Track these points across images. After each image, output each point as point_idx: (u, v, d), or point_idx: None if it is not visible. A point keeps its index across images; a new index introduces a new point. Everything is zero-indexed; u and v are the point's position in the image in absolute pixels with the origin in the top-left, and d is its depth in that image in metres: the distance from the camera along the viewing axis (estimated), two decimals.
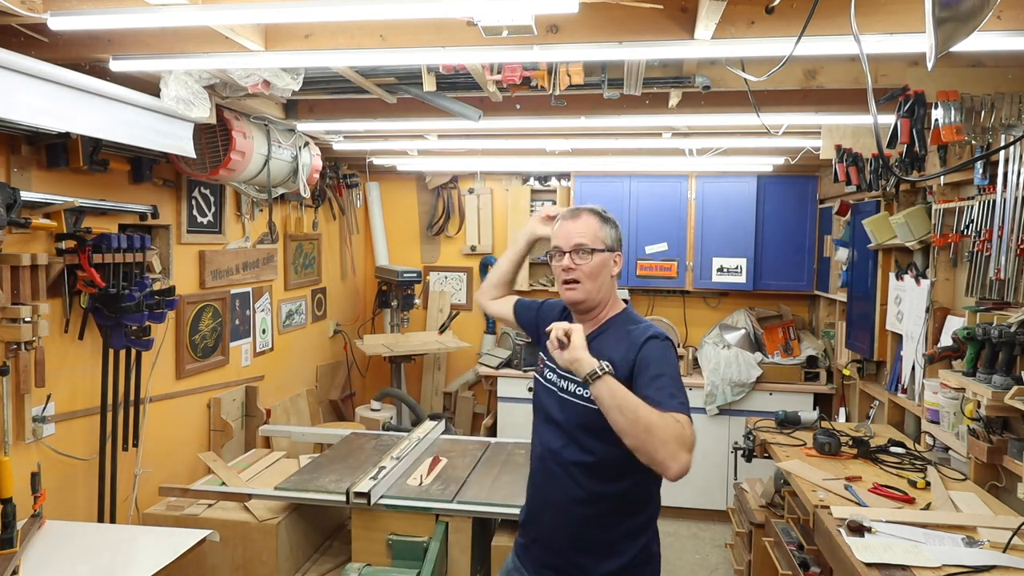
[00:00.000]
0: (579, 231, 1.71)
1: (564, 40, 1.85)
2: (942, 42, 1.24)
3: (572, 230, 1.71)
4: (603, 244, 1.71)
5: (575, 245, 1.69)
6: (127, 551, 2.09)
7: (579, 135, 3.55)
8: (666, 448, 1.38)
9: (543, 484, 1.77)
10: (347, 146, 3.87)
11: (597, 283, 1.70)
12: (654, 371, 1.54)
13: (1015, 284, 2.35)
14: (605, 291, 1.73)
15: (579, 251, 1.69)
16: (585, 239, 1.69)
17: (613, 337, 1.69)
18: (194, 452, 3.29)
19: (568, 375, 1.68)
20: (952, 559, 1.89)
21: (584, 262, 1.68)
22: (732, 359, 4.45)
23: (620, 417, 1.42)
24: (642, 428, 1.40)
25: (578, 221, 1.73)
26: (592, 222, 1.72)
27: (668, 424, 1.40)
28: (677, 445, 1.38)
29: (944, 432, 2.71)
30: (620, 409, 1.42)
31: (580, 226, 1.71)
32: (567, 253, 1.70)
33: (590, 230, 1.71)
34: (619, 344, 1.65)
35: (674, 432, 1.39)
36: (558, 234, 1.74)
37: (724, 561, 3.97)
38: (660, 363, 1.56)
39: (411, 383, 5.21)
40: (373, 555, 2.62)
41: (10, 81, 1.91)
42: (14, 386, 2.28)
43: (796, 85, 2.39)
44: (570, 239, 1.70)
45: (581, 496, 1.66)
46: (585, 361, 1.48)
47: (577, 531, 1.68)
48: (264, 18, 1.83)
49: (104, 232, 2.56)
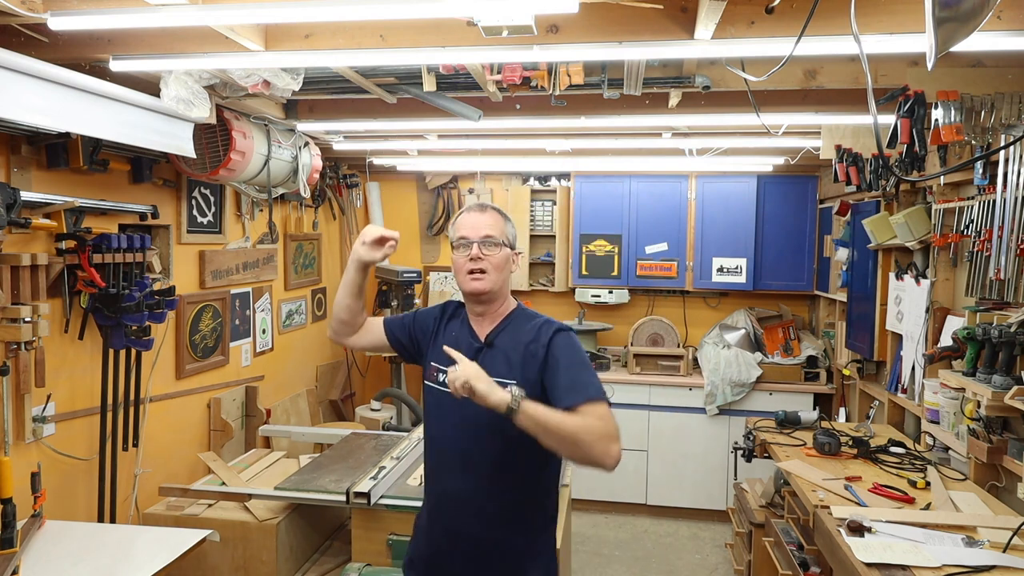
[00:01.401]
0: (488, 223, 1.73)
1: (564, 40, 1.85)
2: (942, 42, 1.24)
3: (481, 222, 1.73)
4: (507, 240, 1.75)
5: (484, 236, 1.71)
6: (127, 551, 2.08)
7: (579, 135, 3.55)
8: (597, 447, 1.46)
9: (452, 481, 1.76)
10: (347, 146, 3.87)
11: (502, 276, 1.72)
12: (566, 362, 1.61)
13: (1015, 284, 2.35)
14: (506, 286, 1.77)
15: (487, 242, 1.71)
16: (494, 232, 1.72)
17: (516, 332, 1.71)
18: (194, 452, 3.29)
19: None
20: (952, 559, 1.89)
21: (491, 253, 1.70)
22: (732, 359, 4.45)
23: (548, 438, 1.47)
24: (571, 441, 1.46)
25: (485, 214, 1.75)
26: (499, 218, 1.76)
27: (592, 426, 1.47)
28: (606, 441, 1.46)
29: (944, 432, 2.71)
30: (546, 431, 1.46)
31: (488, 219, 1.74)
32: (475, 243, 1.70)
33: (497, 224, 1.74)
34: (524, 340, 1.68)
35: (600, 431, 1.47)
36: (465, 224, 1.74)
37: (724, 561, 3.97)
38: (570, 354, 1.63)
39: (411, 383, 5.21)
40: (373, 555, 2.62)
41: (10, 81, 1.91)
42: (14, 386, 2.28)
43: (796, 85, 2.39)
44: (479, 230, 1.71)
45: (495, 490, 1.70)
46: (498, 397, 1.46)
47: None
48: (264, 18, 1.83)
49: (104, 232, 2.56)
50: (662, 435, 4.53)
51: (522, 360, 1.65)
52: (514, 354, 1.67)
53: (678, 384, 4.53)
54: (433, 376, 1.77)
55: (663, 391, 4.53)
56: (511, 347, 1.69)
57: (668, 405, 4.52)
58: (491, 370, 1.61)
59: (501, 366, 1.67)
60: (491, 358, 1.69)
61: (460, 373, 1.49)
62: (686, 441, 4.50)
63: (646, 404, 4.53)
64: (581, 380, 1.58)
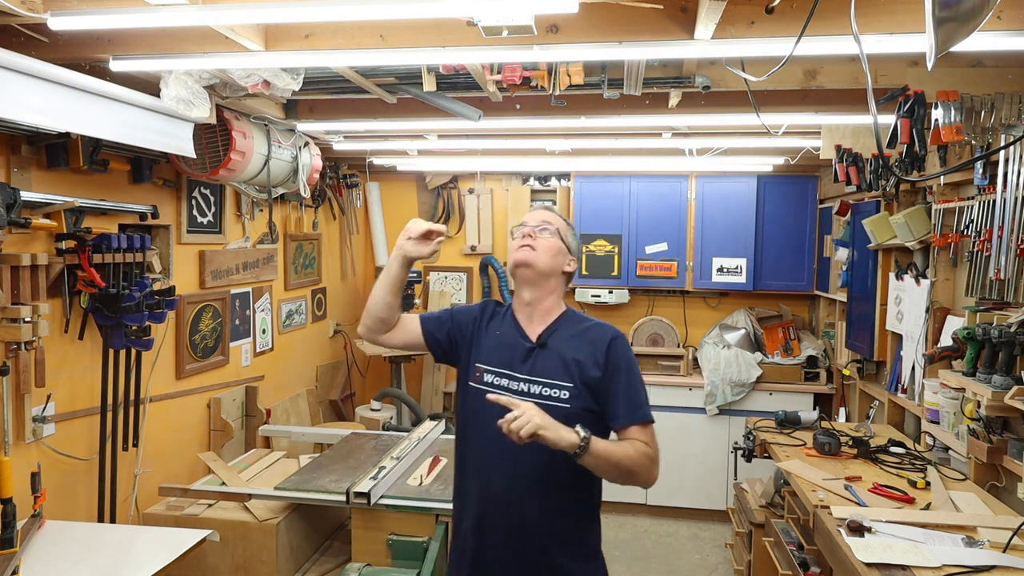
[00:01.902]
0: (548, 218, 1.77)
1: (564, 40, 1.85)
2: (942, 42, 1.24)
3: (542, 215, 1.78)
4: (565, 238, 1.76)
5: (542, 221, 1.75)
6: (127, 551, 2.08)
7: (579, 135, 3.55)
8: (642, 477, 1.56)
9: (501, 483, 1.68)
10: (347, 146, 3.87)
11: (549, 261, 1.72)
12: (626, 375, 1.63)
13: (1015, 284, 2.35)
14: (553, 280, 1.74)
15: (542, 227, 1.74)
16: (553, 223, 1.76)
17: (569, 333, 1.70)
18: (194, 452, 3.29)
19: (537, 379, 1.64)
20: (952, 559, 1.89)
21: (544, 237, 1.73)
22: (732, 359, 4.45)
23: (608, 471, 1.53)
24: (626, 472, 1.53)
25: (549, 213, 1.80)
26: (562, 222, 1.79)
27: (645, 456, 1.55)
28: (653, 468, 1.58)
29: (944, 432, 2.71)
30: (607, 464, 1.51)
31: (550, 216, 1.78)
32: (530, 226, 1.74)
33: (558, 222, 1.78)
34: (580, 343, 1.67)
35: (646, 461, 1.56)
36: (528, 216, 1.80)
37: (724, 561, 3.97)
38: (629, 365, 1.65)
39: (411, 383, 5.21)
40: (373, 555, 2.61)
41: (10, 81, 1.91)
42: (14, 386, 2.28)
43: (796, 85, 2.39)
44: (538, 217, 1.77)
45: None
46: (566, 441, 1.44)
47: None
48: (264, 18, 1.83)
49: (104, 232, 2.56)
50: (662, 435, 4.39)
51: (578, 363, 1.63)
52: (569, 357, 1.64)
53: (678, 384, 4.53)
54: (478, 378, 1.71)
55: (663, 391, 4.52)
56: (565, 349, 1.66)
57: (668, 405, 4.52)
58: (546, 372, 1.63)
59: (555, 368, 1.64)
60: (545, 359, 1.66)
61: (523, 421, 1.41)
62: (686, 441, 4.50)
63: None
64: (638, 398, 1.62)
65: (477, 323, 1.79)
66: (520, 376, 1.66)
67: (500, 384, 1.68)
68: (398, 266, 1.77)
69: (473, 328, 1.79)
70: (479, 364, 1.72)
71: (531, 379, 1.65)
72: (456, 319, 1.83)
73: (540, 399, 1.61)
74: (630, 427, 1.58)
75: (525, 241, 1.72)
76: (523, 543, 1.63)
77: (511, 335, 1.73)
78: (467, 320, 1.81)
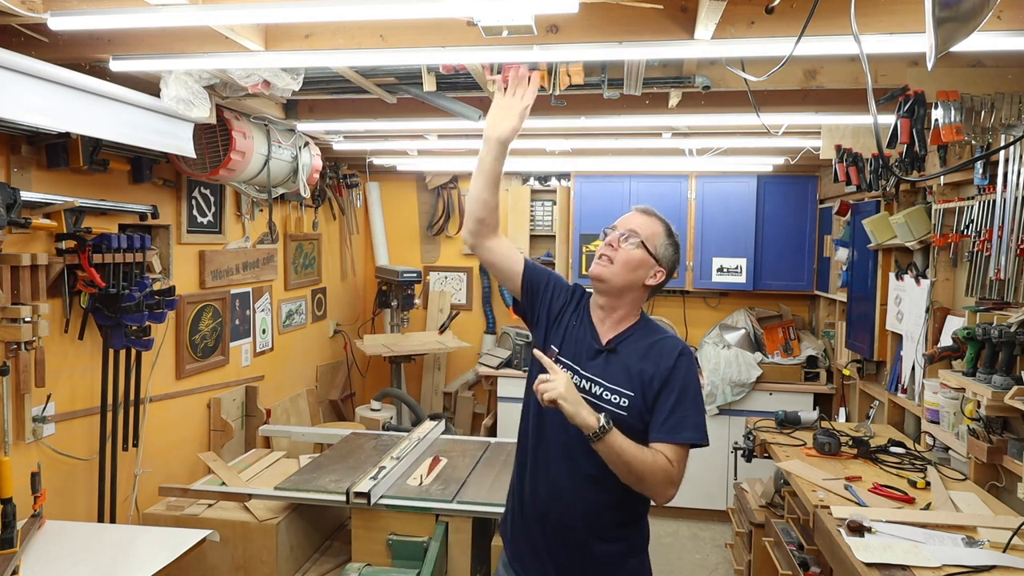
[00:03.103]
0: (640, 223, 1.68)
1: (564, 40, 1.85)
2: (942, 42, 1.24)
3: (635, 219, 1.70)
4: (654, 248, 1.67)
5: (629, 230, 1.67)
6: (127, 551, 2.08)
7: (579, 135, 3.55)
8: (653, 488, 1.55)
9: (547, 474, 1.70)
10: (347, 146, 3.87)
11: (627, 275, 1.65)
12: (680, 394, 1.59)
13: (1015, 284, 2.35)
14: (630, 294, 1.68)
15: (627, 236, 1.66)
16: (642, 232, 1.66)
17: (639, 344, 1.66)
18: (194, 452, 3.29)
19: (599, 380, 1.63)
20: (952, 559, 1.89)
21: (627, 248, 1.65)
22: (732, 359, 4.45)
23: (618, 467, 1.52)
24: (636, 476, 1.52)
25: (645, 217, 1.71)
26: (657, 226, 1.70)
27: (661, 468, 1.52)
28: (667, 486, 1.55)
29: (944, 432, 2.71)
30: (618, 460, 1.51)
31: (644, 220, 1.70)
32: (616, 232, 1.68)
33: (650, 230, 1.68)
34: (648, 355, 1.64)
35: (666, 476, 1.53)
36: (621, 218, 1.73)
37: (724, 561, 3.97)
38: (687, 385, 1.61)
39: (411, 383, 5.21)
40: (373, 555, 2.62)
41: (10, 81, 1.91)
42: (14, 386, 2.28)
43: (796, 85, 2.39)
44: (628, 223, 1.69)
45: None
46: (583, 418, 1.47)
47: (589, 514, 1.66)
48: (264, 18, 1.83)
49: (104, 232, 2.56)
50: None
51: (641, 375, 1.61)
52: (635, 367, 1.62)
53: None
54: (552, 358, 1.67)
55: None
56: (633, 359, 1.63)
57: None
58: (610, 377, 1.62)
59: (620, 375, 1.63)
60: (611, 364, 1.64)
61: (550, 386, 1.47)
62: None
63: None
64: (684, 421, 1.57)
65: (566, 304, 1.76)
66: (585, 374, 1.65)
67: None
68: (491, 157, 1.65)
69: (560, 306, 1.76)
70: (554, 347, 1.71)
71: (594, 379, 1.64)
72: (552, 287, 1.78)
73: (599, 401, 1.61)
74: (663, 445, 1.57)
75: (604, 251, 1.67)
76: (564, 533, 1.66)
77: (584, 331, 1.70)
78: (561, 294, 1.77)
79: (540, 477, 1.70)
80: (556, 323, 1.74)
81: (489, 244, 1.74)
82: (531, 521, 1.71)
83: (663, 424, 1.58)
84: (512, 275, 1.77)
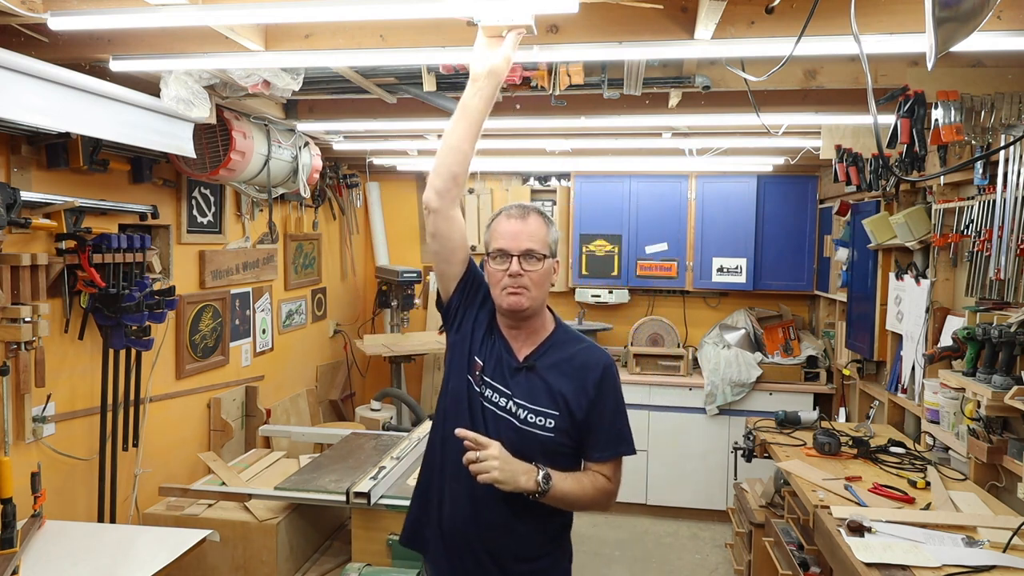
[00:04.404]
0: (529, 233, 1.55)
1: (564, 40, 1.85)
2: (942, 42, 1.24)
3: (522, 232, 1.55)
4: (549, 250, 1.58)
5: (525, 250, 1.54)
6: (127, 551, 2.08)
7: (579, 135, 3.55)
8: (598, 508, 1.67)
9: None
10: (347, 146, 3.87)
11: (542, 291, 1.58)
12: (612, 408, 1.61)
13: (1015, 284, 2.35)
14: (545, 299, 1.63)
15: (528, 256, 1.54)
16: (535, 244, 1.55)
17: (559, 357, 1.60)
18: (194, 452, 3.29)
19: (523, 403, 1.56)
20: (952, 559, 1.89)
21: (533, 269, 1.54)
22: (732, 359, 4.45)
23: (561, 507, 1.59)
24: (580, 508, 1.63)
25: (527, 222, 1.56)
26: (541, 225, 1.58)
27: (599, 496, 1.59)
28: (605, 503, 1.63)
29: (944, 432, 2.71)
30: (562, 503, 1.57)
31: (530, 227, 1.56)
32: (514, 257, 1.53)
33: (540, 234, 1.56)
34: (569, 371, 1.58)
35: (602, 498, 1.60)
36: (504, 234, 1.56)
37: (724, 561, 3.97)
38: (617, 397, 1.63)
39: (411, 383, 5.20)
40: (373, 555, 2.62)
41: (10, 81, 1.91)
42: (14, 386, 2.28)
43: (796, 85, 2.39)
44: (520, 241, 1.54)
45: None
46: (525, 484, 1.48)
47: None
48: (264, 18, 1.83)
49: (104, 232, 2.56)
50: (662, 435, 4.52)
51: (563, 393, 1.56)
52: (555, 385, 1.56)
53: (678, 384, 4.53)
54: (478, 378, 1.60)
55: (663, 391, 4.52)
56: (553, 375, 1.57)
57: (668, 405, 4.52)
58: (533, 398, 1.56)
59: (542, 395, 1.56)
60: (532, 383, 1.57)
61: (484, 467, 1.45)
62: (686, 441, 4.50)
63: (646, 404, 4.52)
64: (621, 434, 1.61)
65: (479, 309, 1.65)
66: (509, 393, 1.58)
67: (495, 400, 1.58)
68: (479, 96, 1.50)
69: (476, 311, 1.64)
70: (478, 359, 1.61)
71: (520, 403, 1.57)
72: (485, 292, 1.64)
73: (524, 425, 1.56)
74: (606, 462, 1.59)
75: (512, 282, 1.53)
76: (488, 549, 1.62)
77: (500, 351, 1.61)
78: (479, 298, 1.65)
79: (460, 500, 1.59)
80: (476, 332, 1.63)
81: (454, 212, 1.58)
82: (456, 548, 1.63)
83: (601, 443, 1.59)
84: (459, 260, 1.63)
